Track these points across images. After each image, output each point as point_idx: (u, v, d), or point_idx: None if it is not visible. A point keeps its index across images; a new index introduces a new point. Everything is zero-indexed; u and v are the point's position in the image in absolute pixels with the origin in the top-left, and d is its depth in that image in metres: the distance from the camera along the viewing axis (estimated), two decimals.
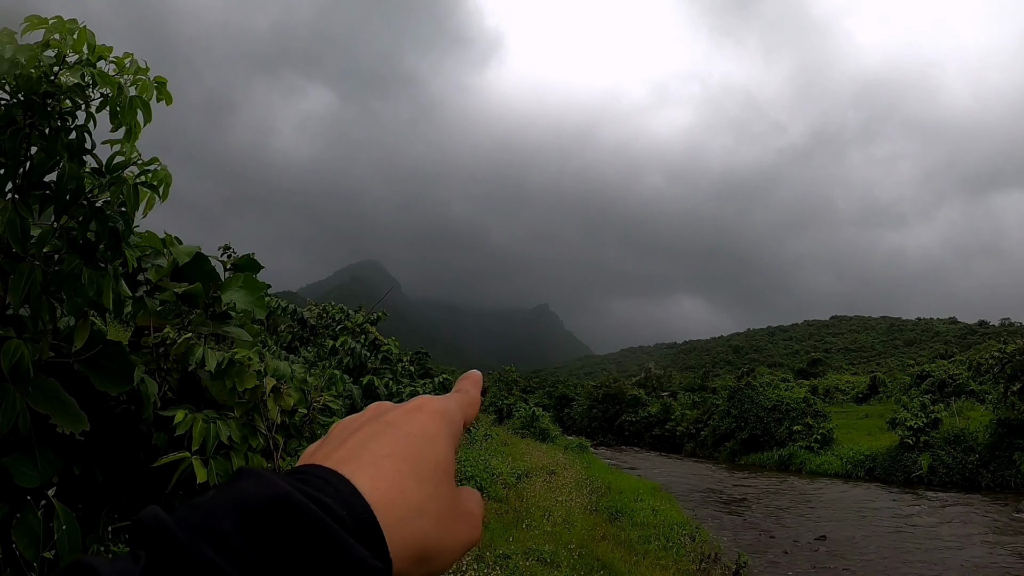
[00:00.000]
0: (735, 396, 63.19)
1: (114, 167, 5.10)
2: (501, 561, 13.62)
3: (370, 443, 0.80)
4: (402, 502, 0.75)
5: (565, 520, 19.74)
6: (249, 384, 6.65)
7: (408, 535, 0.74)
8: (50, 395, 5.26)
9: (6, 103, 4.90)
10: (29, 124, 4.87)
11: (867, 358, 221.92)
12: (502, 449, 35.61)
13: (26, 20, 4.81)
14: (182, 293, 6.68)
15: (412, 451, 0.80)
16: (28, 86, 4.83)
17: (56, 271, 5.00)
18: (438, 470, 0.81)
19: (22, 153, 4.88)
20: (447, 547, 0.78)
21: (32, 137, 4.91)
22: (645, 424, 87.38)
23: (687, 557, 19.59)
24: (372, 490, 0.74)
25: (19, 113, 4.89)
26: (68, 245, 5.03)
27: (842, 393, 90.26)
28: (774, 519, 30.64)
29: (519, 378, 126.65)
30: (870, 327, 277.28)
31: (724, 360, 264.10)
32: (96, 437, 5.87)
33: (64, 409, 5.32)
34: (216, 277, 6.95)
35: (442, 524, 0.78)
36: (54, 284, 5.02)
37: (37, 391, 5.17)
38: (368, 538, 0.70)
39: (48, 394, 5.25)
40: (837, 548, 24.33)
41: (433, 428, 0.84)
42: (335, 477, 0.73)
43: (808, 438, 53.89)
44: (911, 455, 43.81)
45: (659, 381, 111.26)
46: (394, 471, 0.77)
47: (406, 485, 0.77)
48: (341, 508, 0.70)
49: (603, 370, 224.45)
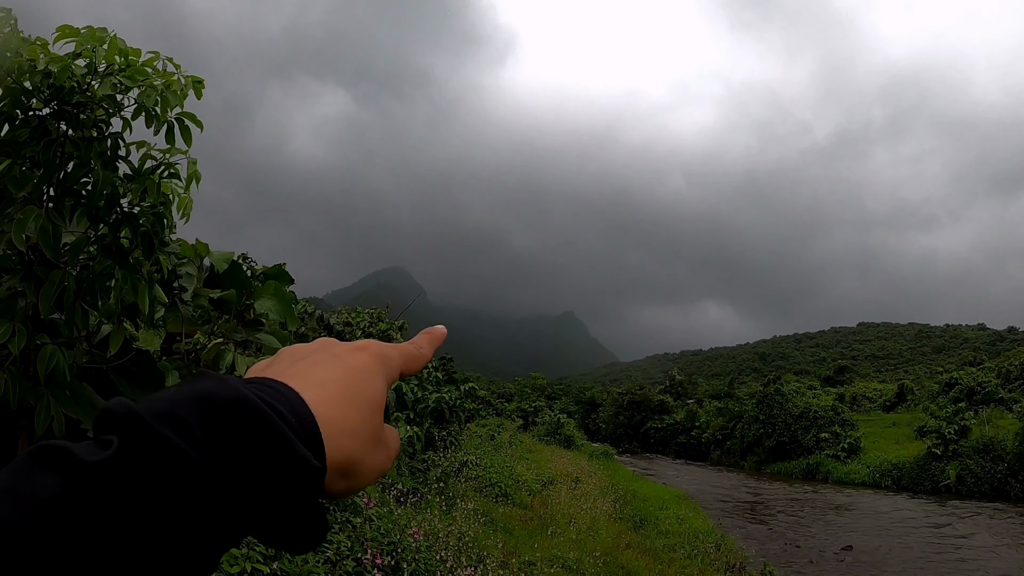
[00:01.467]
0: (763, 403, 62.86)
1: (145, 170, 5.16)
2: (526, 568, 13.62)
3: (317, 368, 0.92)
4: (340, 421, 0.87)
5: (590, 528, 19.72)
6: None
7: (340, 449, 0.85)
8: (83, 400, 5.33)
9: (39, 113, 4.97)
10: (63, 135, 4.95)
11: (894, 365, 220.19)
12: (527, 456, 35.65)
13: (58, 30, 4.88)
14: (216, 299, 6.76)
15: (353, 381, 0.92)
16: (61, 96, 4.90)
17: (89, 276, 5.07)
18: (372, 402, 0.92)
19: (56, 162, 4.96)
20: (367, 468, 0.89)
21: (66, 147, 4.98)
22: (670, 431, 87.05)
23: (712, 566, 19.51)
24: (317, 405, 0.85)
25: (52, 124, 4.96)
26: (102, 251, 5.10)
27: (869, 401, 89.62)
28: (800, 529, 30.45)
29: (546, 384, 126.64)
30: (897, 334, 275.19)
31: (750, 367, 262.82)
32: None
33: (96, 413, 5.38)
34: (249, 284, 7.03)
35: (367, 448, 0.89)
36: (87, 290, 5.09)
37: (71, 397, 5.24)
38: (311, 444, 0.82)
39: (81, 399, 5.32)
40: (863, 558, 24.15)
41: (372, 366, 0.96)
42: (286, 389, 0.85)
43: (835, 447, 53.51)
44: (939, 464, 43.38)
45: (684, 388, 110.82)
46: (337, 394, 0.89)
47: (345, 408, 0.89)
48: (291, 415, 0.82)
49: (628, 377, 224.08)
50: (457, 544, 11.84)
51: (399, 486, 13.69)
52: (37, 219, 4.77)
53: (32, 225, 4.75)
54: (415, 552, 9.17)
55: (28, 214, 4.78)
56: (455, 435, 20.71)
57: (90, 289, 5.10)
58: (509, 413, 78.78)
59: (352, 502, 9.42)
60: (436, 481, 16.41)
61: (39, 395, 5.00)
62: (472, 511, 15.41)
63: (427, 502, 14.23)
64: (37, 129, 4.95)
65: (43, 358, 4.93)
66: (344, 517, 8.84)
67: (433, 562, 9.67)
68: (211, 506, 0.75)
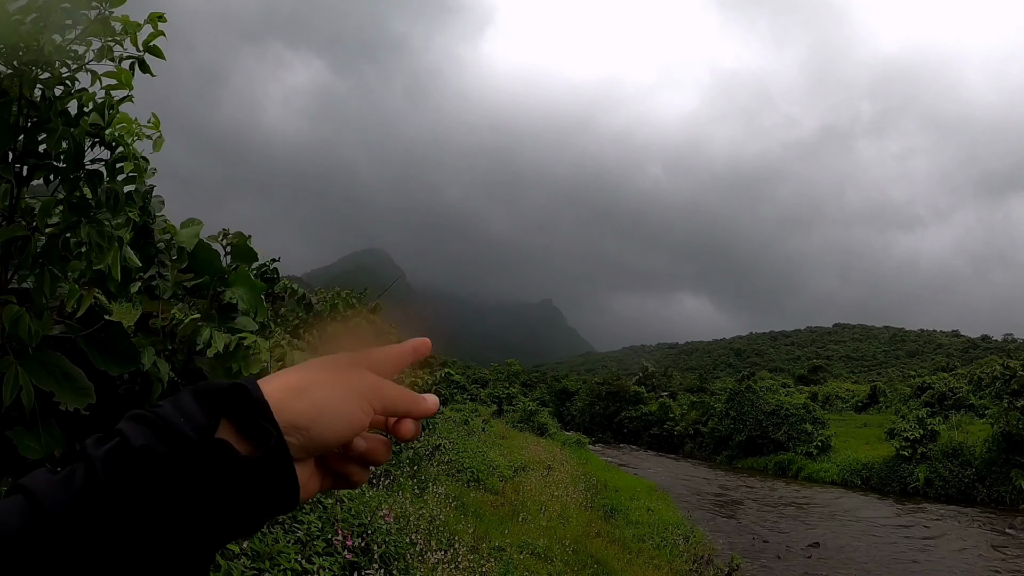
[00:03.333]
0: (734, 398, 63.17)
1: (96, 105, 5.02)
2: (496, 553, 13.63)
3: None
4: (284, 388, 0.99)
5: (560, 515, 19.76)
6: (255, 369, 6.67)
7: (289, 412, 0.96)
8: (54, 370, 5.25)
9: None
10: (20, 95, 4.84)
11: (868, 367, 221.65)
12: (500, 442, 35.67)
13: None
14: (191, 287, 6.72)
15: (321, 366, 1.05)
16: (15, 56, 4.78)
17: (54, 235, 4.97)
18: (330, 368, 1.04)
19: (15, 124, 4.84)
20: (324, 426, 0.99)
21: (23, 107, 4.87)
22: (644, 423, 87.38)
23: (680, 558, 19.60)
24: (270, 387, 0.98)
25: (12, 84, 4.84)
26: (68, 208, 5.00)
27: (842, 401, 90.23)
28: (769, 524, 30.64)
29: (521, 370, 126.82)
30: (872, 336, 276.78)
31: (725, 363, 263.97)
32: (100, 416, 5.88)
33: (69, 383, 5.31)
34: (223, 270, 6.96)
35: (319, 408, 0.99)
36: (52, 250, 4.99)
37: (40, 366, 5.16)
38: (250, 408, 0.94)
39: (52, 369, 5.24)
40: (830, 555, 24.31)
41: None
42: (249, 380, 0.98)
43: (807, 444, 53.87)
44: (908, 466, 43.74)
45: (658, 380, 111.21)
46: (294, 372, 1.03)
47: (294, 378, 1.01)
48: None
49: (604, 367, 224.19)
50: (428, 527, 11.84)
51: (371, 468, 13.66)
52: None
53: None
54: (385, 534, 9.15)
55: None
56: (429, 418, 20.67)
57: (55, 248, 5.00)
58: (483, 399, 78.96)
59: None
60: (408, 464, 16.38)
61: (6, 364, 4.92)
62: (444, 495, 15.41)
63: (399, 484, 14.21)
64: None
65: (8, 316, 4.83)
66: (315, 498, 8.81)
67: (403, 544, 9.66)
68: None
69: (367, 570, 8.10)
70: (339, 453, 1.07)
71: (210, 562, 0.91)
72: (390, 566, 8.85)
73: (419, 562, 9.80)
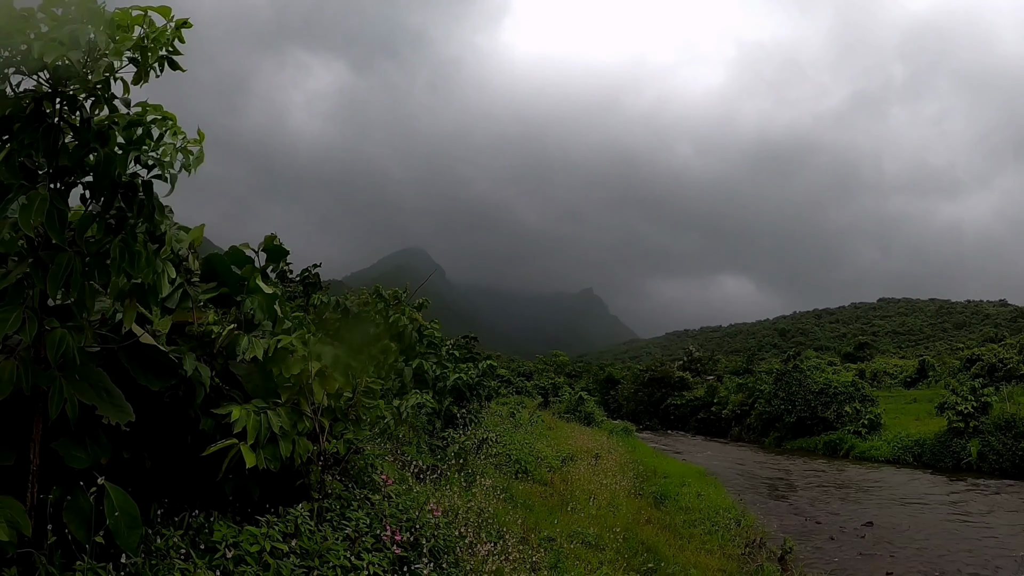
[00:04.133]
0: (781, 379, 62.75)
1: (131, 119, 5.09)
2: (546, 544, 13.64)
3: None
4: None
5: (610, 504, 19.72)
6: (295, 370, 6.73)
7: None
8: (97, 385, 5.34)
9: (34, 94, 4.92)
10: (59, 118, 4.91)
11: (915, 341, 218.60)
12: (547, 433, 35.66)
13: (40, 9, 4.81)
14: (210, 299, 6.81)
15: None
16: (57, 81, 4.85)
17: (93, 254, 5.05)
18: None
19: (56, 148, 4.92)
20: None
21: (63, 130, 4.95)
22: (691, 408, 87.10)
23: (733, 542, 19.49)
24: None
25: (49, 106, 4.92)
26: (104, 229, 5.08)
27: (890, 377, 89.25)
28: (820, 504, 30.43)
29: (566, 361, 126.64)
30: (918, 309, 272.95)
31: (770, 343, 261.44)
32: (144, 422, 5.97)
33: (110, 400, 5.41)
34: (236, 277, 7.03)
35: None
36: (94, 269, 5.07)
37: (84, 381, 5.24)
38: None
39: (95, 384, 5.33)
40: (884, 534, 24.09)
41: None
42: None
43: (856, 423, 53.37)
44: (960, 441, 43.18)
45: (703, 364, 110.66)
46: None
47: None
48: None
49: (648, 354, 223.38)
50: (477, 520, 11.86)
51: (418, 463, 13.71)
52: (43, 203, 4.75)
53: (39, 211, 4.73)
54: (434, 528, 9.19)
55: (33, 199, 4.75)
56: (475, 413, 20.72)
57: (100, 268, 5.08)
58: (529, 391, 78.99)
59: (370, 479, 9.45)
60: (455, 458, 16.42)
61: (51, 379, 5.01)
62: (491, 487, 15.43)
63: (447, 479, 14.26)
64: (34, 114, 4.91)
65: (52, 342, 4.93)
66: (363, 494, 8.86)
67: (452, 538, 9.69)
68: None
69: (416, 564, 8.14)
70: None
71: None
72: (439, 559, 8.88)
73: (469, 555, 9.83)
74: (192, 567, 5.91)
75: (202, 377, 6.38)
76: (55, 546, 5.25)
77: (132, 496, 5.54)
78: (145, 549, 5.86)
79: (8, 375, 4.84)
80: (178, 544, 6.05)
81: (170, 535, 6.06)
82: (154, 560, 5.81)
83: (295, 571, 6.53)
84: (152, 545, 5.94)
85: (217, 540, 6.29)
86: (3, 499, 4.97)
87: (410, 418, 14.73)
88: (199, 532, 6.39)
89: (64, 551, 5.35)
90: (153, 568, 5.72)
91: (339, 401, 8.08)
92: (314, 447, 7.60)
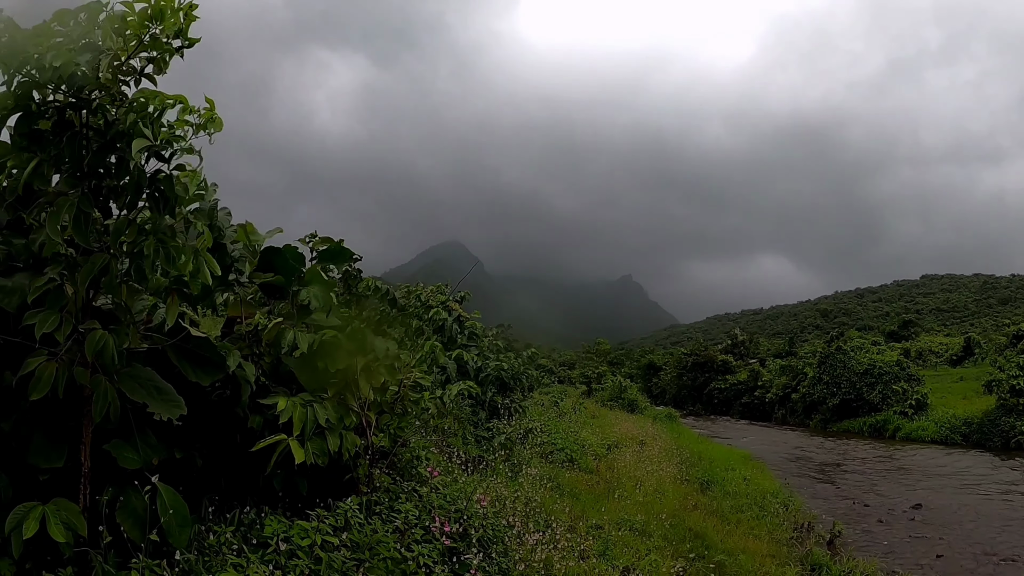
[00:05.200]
0: (825, 361, 62.22)
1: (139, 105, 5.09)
2: (594, 531, 13.65)
3: None
4: None
5: (656, 490, 19.68)
6: (341, 364, 6.75)
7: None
8: (147, 384, 5.41)
9: (59, 105, 4.99)
10: (84, 124, 4.97)
11: (960, 318, 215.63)
12: (591, 421, 35.66)
13: (54, 17, 4.87)
14: (263, 284, 6.82)
15: None
16: (75, 88, 4.90)
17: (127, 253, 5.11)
18: None
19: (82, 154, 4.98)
20: None
21: (90, 136, 5.01)
22: (734, 392, 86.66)
23: (781, 526, 19.40)
24: None
25: (75, 116, 4.98)
26: (138, 231, 5.12)
27: (935, 356, 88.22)
28: (868, 487, 30.15)
29: (608, 350, 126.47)
30: (962, 285, 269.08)
31: (812, 325, 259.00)
32: (194, 422, 6.03)
33: (160, 396, 5.47)
34: (294, 268, 7.07)
35: None
36: (131, 269, 5.13)
37: (133, 381, 5.31)
38: None
39: (145, 383, 5.40)
40: (933, 517, 23.82)
41: None
42: None
43: (902, 403, 52.79)
44: (1009, 419, 42.54)
45: (746, 348, 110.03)
46: None
47: None
48: None
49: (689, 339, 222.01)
50: (524, 510, 11.88)
51: (464, 454, 13.75)
52: (70, 209, 4.81)
53: (66, 216, 4.80)
54: (482, 519, 9.20)
55: (61, 205, 4.82)
56: (519, 403, 20.72)
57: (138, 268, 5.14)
58: (572, 380, 78.90)
59: (417, 472, 9.48)
60: (501, 448, 16.45)
61: (96, 382, 5.07)
62: (538, 477, 15.45)
63: (493, 469, 14.28)
64: (59, 123, 4.97)
65: (91, 343, 4.99)
66: (411, 487, 8.89)
67: (501, 528, 9.70)
68: None
69: (466, 555, 8.16)
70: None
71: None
72: (488, 549, 8.90)
73: (518, 544, 9.84)
74: (245, 562, 5.96)
75: (247, 374, 6.43)
76: (110, 546, 5.31)
77: (184, 494, 5.60)
78: (198, 546, 5.93)
79: (47, 376, 4.92)
80: (230, 540, 6.11)
81: (222, 531, 6.12)
82: (207, 556, 5.87)
83: (346, 564, 6.56)
84: (205, 541, 6.00)
85: (268, 535, 6.33)
86: (58, 501, 5.03)
87: (454, 409, 14.76)
88: (250, 528, 6.45)
89: (118, 550, 5.41)
90: (207, 564, 5.78)
91: (385, 395, 8.10)
92: (361, 441, 7.64)
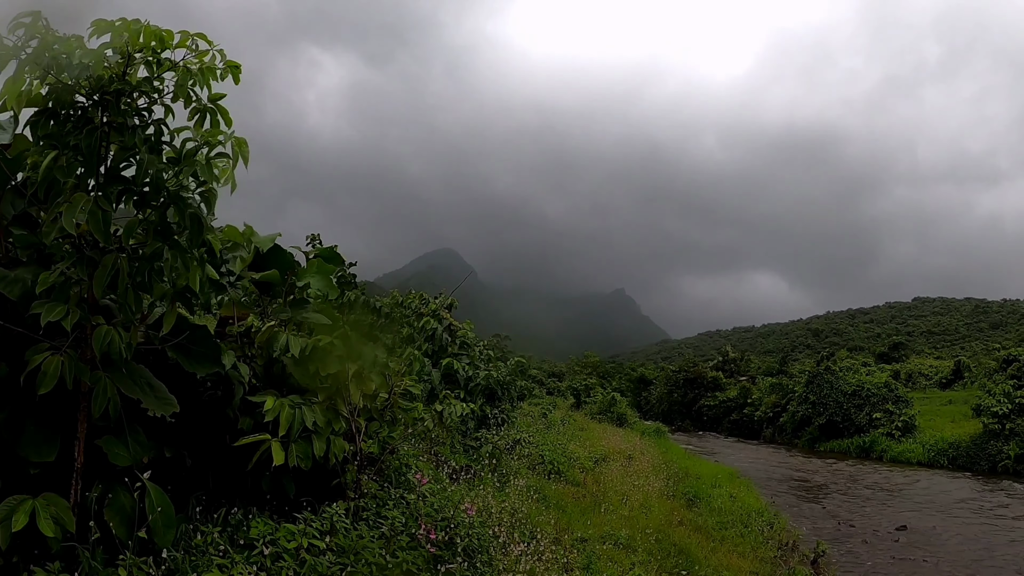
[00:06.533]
0: (813, 381, 62.31)
1: (187, 152, 5.25)
2: (579, 544, 13.67)
3: None
4: None
5: (642, 505, 19.70)
6: (332, 369, 6.80)
7: None
8: (140, 381, 5.46)
9: (83, 105, 5.08)
10: (106, 122, 5.04)
11: (951, 341, 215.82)
12: (579, 434, 35.64)
13: (92, 24, 4.97)
14: (259, 280, 6.86)
15: None
16: (100, 86, 4.99)
17: (141, 258, 5.18)
18: None
19: (100, 150, 5.06)
20: None
21: (110, 135, 5.08)
22: (723, 409, 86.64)
23: (765, 544, 19.42)
24: None
25: (96, 113, 5.06)
26: (153, 234, 5.19)
27: (925, 378, 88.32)
28: (854, 508, 30.22)
29: (598, 362, 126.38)
30: (954, 309, 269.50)
31: (803, 344, 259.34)
32: (185, 422, 6.08)
33: (154, 393, 5.53)
34: (293, 265, 7.13)
35: None
36: (140, 273, 5.19)
37: (128, 377, 5.36)
38: None
39: (139, 380, 5.45)
40: (918, 539, 23.88)
41: None
42: None
43: (889, 425, 52.80)
44: (997, 443, 42.63)
45: (737, 365, 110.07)
46: None
47: None
48: None
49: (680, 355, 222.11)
50: (510, 520, 11.91)
51: (452, 463, 13.78)
52: (86, 205, 4.87)
53: (82, 212, 4.85)
54: (468, 528, 9.23)
55: (77, 201, 4.88)
56: (507, 413, 20.74)
57: (142, 272, 5.21)
58: (562, 391, 78.82)
59: (405, 479, 9.51)
60: (489, 458, 16.47)
61: (96, 377, 5.12)
62: (525, 488, 15.46)
63: (480, 479, 14.31)
64: (80, 119, 5.05)
65: (98, 338, 5.04)
66: (398, 494, 8.93)
67: (486, 537, 9.73)
68: None
69: (450, 563, 8.19)
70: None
71: None
72: (473, 558, 8.93)
73: (502, 554, 9.87)
74: (230, 563, 5.99)
75: (241, 375, 6.48)
76: (98, 542, 5.34)
77: (172, 493, 5.64)
78: (185, 545, 5.96)
79: (53, 370, 4.96)
80: (217, 540, 6.14)
81: (209, 531, 6.15)
82: (193, 556, 5.90)
83: (331, 568, 6.60)
84: (192, 541, 6.03)
85: (255, 536, 6.36)
86: (47, 496, 5.06)
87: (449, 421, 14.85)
88: (237, 528, 6.48)
89: (106, 547, 5.43)
90: (193, 563, 5.81)
91: (375, 402, 8.15)
92: (350, 447, 7.67)
